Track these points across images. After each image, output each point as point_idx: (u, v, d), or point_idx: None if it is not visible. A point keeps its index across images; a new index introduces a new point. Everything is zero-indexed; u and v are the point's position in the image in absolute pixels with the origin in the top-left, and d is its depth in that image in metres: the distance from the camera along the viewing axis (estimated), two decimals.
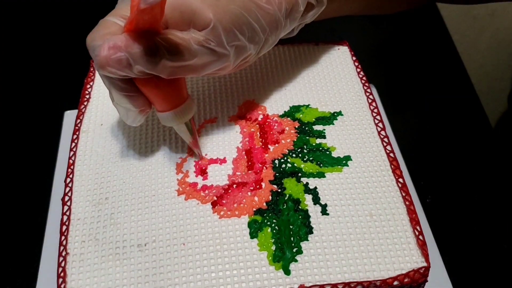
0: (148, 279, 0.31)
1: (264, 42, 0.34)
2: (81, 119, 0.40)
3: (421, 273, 0.31)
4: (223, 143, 0.38)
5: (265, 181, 0.35)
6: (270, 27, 0.33)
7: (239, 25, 0.31)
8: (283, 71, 0.43)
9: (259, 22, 0.32)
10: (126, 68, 0.28)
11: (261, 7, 0.32)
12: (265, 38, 0.33)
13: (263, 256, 0.31)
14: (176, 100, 0.33)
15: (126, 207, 0.34)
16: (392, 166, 0.36)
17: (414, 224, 0.33)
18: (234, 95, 0.41)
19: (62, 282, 0.31)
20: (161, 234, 0.32)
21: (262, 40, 0.33)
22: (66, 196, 0.35)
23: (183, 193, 0.35)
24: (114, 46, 0.28)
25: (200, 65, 0.30)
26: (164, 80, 0.31)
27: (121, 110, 0.33)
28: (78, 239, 0.33)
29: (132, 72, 0.29)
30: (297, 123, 0.39)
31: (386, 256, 0.32)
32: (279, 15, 0.33)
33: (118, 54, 0.28)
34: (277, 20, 0.33)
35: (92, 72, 0.43)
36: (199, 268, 0.31)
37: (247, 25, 0.31)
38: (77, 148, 0.38)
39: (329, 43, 0.46)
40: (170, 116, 0.33)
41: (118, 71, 0.28)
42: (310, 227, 0.33)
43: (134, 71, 0.29)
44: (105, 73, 0.29)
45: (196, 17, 0.29)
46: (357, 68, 0.43)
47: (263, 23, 0.32)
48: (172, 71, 0.29)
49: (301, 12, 0.35)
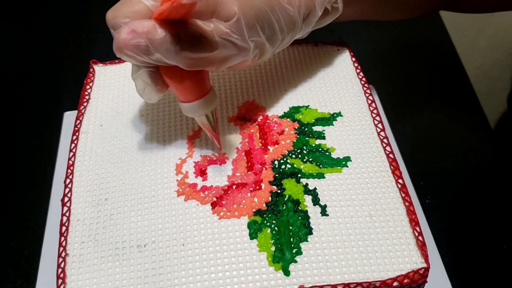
0: (148, 280, 0.31)
1: (280, 42, 0.34)
2: (80, 120, 0.40)
3: (421, 274, 0.31)
4: (223, 144, 0.37)
5: (265, 182, 0.35)
6: (288, 28, 0.34)
7: (261, 21, 0.31)
8: (283, 72, 0.43)
9: (279, 21, 0.33)
10: (144, 54, 0.28)
11: (283, 7, 0.32)
12: (282, 38, 0.34)
13: (263, 257, 0.31)
14: (199, 91, 0.33)
15: (125, 208, 0.34)
16: (391, 167, 0.36)
17: (413, 225, 0.33)
18: (234, 96, 0.41)
19: (61, 283, 0.31)
20: (160, 235, 0.32)
21: (279, 39, 0.34)
22: (66, 197, 0.35)
23: (182, 194, 0.35)
24: (135, 31, 0.27)
25: (220, 58, 0.30)
26: (188, 71, 0.30)
27: (139, 84, 0.33)
28: (78, 240, 0.33)
29: (150, 60, 0.29)
30: (297, 124, 0.39)
31: (385, 257, 0.32)
32: (298, 17, 0.34)
33: (137, 39, 0.27)
34: (295, 22, 0.34)
35: (92, 73, 0.43)
36: (198, 269, 0.31)
37: (268, 23, 0.32)
38: (76, 149, 0.38)
39: (329, 44, 0.46)
40: (192, 107, 0.33)
41: (136, 56, 0.28)
42: (309, 228, 0.33)
43: (153, 59, 0.28)
44: (121, 56, 0.29)
45: (221, 7, 0.29)
46: (357, 69, 0.43)
47: (282, 23, 0.33)
48: (192, 62, 0.29)
49: (317, 16, 0.36)
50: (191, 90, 0.32)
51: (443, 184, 0.48)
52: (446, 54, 0.63)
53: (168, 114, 0.40)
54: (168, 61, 0.29)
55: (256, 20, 0.31)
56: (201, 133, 0.38)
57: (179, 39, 0.28)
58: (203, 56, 0.29)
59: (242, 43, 0.30)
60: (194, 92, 0.33)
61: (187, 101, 0.33)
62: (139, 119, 0.39)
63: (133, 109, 0.40)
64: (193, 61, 0.29)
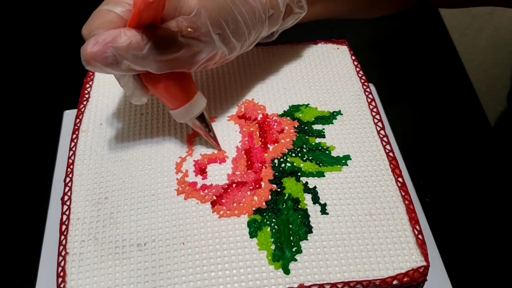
0: (147, 278, 0.31)
1: (246, 38, 0.34)
2: (80, 119, 0.40)
3: (421, 272, 0.31)
4: (223, 143, 0.37)
5: (265, 180, 0.35)
6: (253, 23, 0.34)
7: (224, 15, 0.31)
8: (282, 70, 0.43)
9: (242, 14, 0.32)
10: (112, 64, 0.28)
11: (245, 0, 0.32)
12: (248, 33, 0.34)
13: (263, 256, 0.31)
14: (184, 96, 0.33)
15: (125, 207, 0.34)
16: (391, 166, 0.36)
17: (413, 223, 0.33)
18: (234, 94, 0.41)
19: (62, 281, 0.31)
20: (160, 233, 0.32)
21: (245, 34, 0.33)
22: (66, 196, 0.35)
23: (182, 192, 0.35)
24: (100, 43, 0.27)
25: (188, 56, 0.30)
26: (170, 77, 0.31)
27: (127, 91, 0.33)
28: (78, 238, 0.33)
29: (120, 69, 0.29)
30: (297, 122, 0.39)
31: (385, 256, 0.32)
32: (261, 12, 0.34)
33: (103, 50, 0.27)
34: (260, 17, 0.34)
35: (92, 72, 0.43)
36: (198, 268, 0.31)
37: (231, 16, 0.32)
38: (76, 148, 0.38)
39: (328, 42, 0.46)
40: (180, 112, 0.34)
41: (105, 68, 0.28)
42: (309, 226, 0.33)
43: (122, 68, 0.29)
44: (91, 69, 0.29)
45: (182, 3, 0.29)
46: (357, 68, 0.43)
47: (246, 17, 0.33)
48: (161, 65, 0.29)
49: (282, 13, 0.36)
50: (175, 97, 0.33)
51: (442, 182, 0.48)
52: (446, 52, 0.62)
53: (168, 112, 0.40)
54: (138, 67, 0.29)
55: (219, 13, 0.31)
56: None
57: (144, 43, 0.28)
58: (171, 58, 0.29)
59: (206, 37, 0.30)
60: (179, 97, 0.33)
61: (174, 107, 0.34)
62: (139, 118, 0.39)
63: (133, 108, 0.40)
64: (162, 64, 0.29)
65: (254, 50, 0.45)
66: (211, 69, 0.43)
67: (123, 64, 0.28)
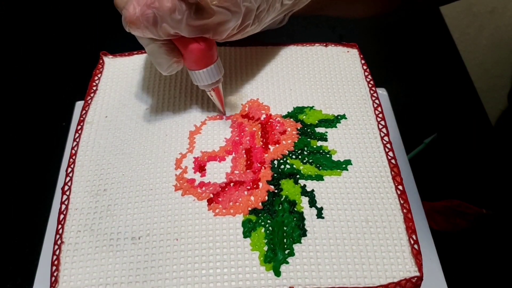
0: (139, 272, 0.31)
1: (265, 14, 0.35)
2: (86, 110, 0.40)
3: (413, 282, 0.30)
4: (224, 141, 0.37)
5: (263, 181, 0.35)
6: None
7: None
8: (290, 71, 0.43)
9: None
10: (152, 26, 0.30)
11: None
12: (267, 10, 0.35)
13: (255, 256, 0.31)
14: (209, 59, 0.35)
15: (123, 200, 0.34)
16: (392, 173, 0.36)
17: (410, 232, 0.33)
18: (239, 93, 0.41)
19: (55, 270, 0.31)
20: (155, 228, 0.33)
21: (266, 9, 0.35)
22: (66, 186, 0.35)
23: (180, 188, 0.35)
24: (143, 4, 0.30)
25: (216, 23, 0.32)
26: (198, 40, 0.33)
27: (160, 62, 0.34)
28: (74, 228, 0.33)
29: (158, 32, 0.31)
30: (300, 124, 0.39)
31: (378, 263, 0.31)
32: None
33: (146, 11, 0.30)
34: None
35: (101, 64, 0.44)
36: (190, 264, 0.31)
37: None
38: (80, 139, 0.38)
39: (339, 45, 0.45)
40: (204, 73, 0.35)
41: (145, 29, 0.30)
42: (304, 229, 0.32)
43: (161, 31, 0.31)
44: (132, 30, 0.31)
45: None
46: (365, 72, 0.43)
47: None
48: (193, 29, 0.31)
49: None
50: (201, 58, 0.34)
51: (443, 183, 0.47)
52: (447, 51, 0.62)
53: (172, 108, 0.40)
54: (174, 30, 0.31)
55: None
56: (202, 130, 0.38)
57: (182, 8, 0.30)
58: (202, 23, 0.31)
59: (235, 8, 0.32)
60: (205, 59, 0.35)
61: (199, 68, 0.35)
62: (144, 112, 0.40)
63: (138, 102, 0.41)
64: (194, 28, 0.31)
65: (264, 49, 0.45)
66: None
67: (161, 26, 0.30)
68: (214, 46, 0.35)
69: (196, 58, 0.34)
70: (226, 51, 0.44)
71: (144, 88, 0.41)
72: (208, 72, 0.35)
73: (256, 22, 0.35)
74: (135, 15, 0.30)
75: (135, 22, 0.30)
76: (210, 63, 0.35)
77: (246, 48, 0.44)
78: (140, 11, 0.30)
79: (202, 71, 0.35)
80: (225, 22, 0.32)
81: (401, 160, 0.39)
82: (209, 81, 0.36)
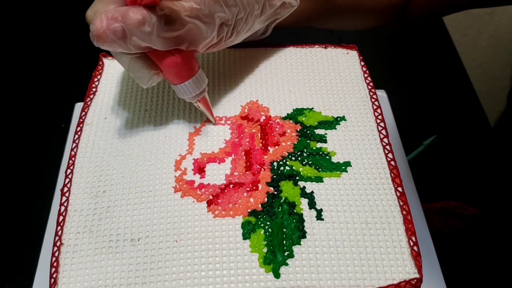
0: (138, 273, 0.31)
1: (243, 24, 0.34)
2: (85, 112, 0.40)
3: (413, 284, 0.30)
4: (223, 143, 0.37)
5: (262, 182, 0.35)
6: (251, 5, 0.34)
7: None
8: (290, 72, 0.43)
9: None
10: (121, 40, 0.29)
11: None
12: (245, 20, 0.34)
13: (254, 258, 0.31)
14: (189, 71, 0.34)
15: (122, 201, 0.34)
16: (392, 174, 0.36)
17: (409, 234, 0.33)
18: (238, 95, 0.41)
19: (54, 271, 0.31)
20: (154, 230, 0.33)
21: (243, 19, 0.34)
22: (65, 187, 0.35)
23: (179, 190, 0.35)
24: (110, 18, 0.29)
25: (189, 35, 0.31)
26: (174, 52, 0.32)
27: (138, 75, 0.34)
28: (74, 230, 0.33)
29: (127, 46, 0.30)
30: (299, 126, 0.39)
31: (378, 265, 0.31)
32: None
33: (114, 25, 0.29)
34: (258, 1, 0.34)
35: (101, 66, 0.44)
36: (189, 266, 0.31)
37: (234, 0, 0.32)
38: (79, 140, 0.38)
39: (338, 47, 0.45)
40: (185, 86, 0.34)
41: (113, 43, 0.29)
42: (303, 231, 0.32)
43: (130, 44, 0.30)
44: (100, 45, 0.30)
45: None
46: (365, 74, 0.43)
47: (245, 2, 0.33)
48: (165, 41, 0.30)
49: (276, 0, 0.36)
50: (180, 71, 0.33)
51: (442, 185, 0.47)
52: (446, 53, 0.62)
53: (171, 110, 0.40)
54: (144, 43, 0.30)
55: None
56: (201, 131, 0.38)
57: (152, 20, 0.29)
58: (175, 35, 0.30)
59: (207, 18, 0.31)
60: (183, 72, 0.34)
61: (179, 82, 0.34)
62: (143, 113, 0.40)
63: (138, 103, 0.41)
64: (167, 40, 0.30)
65: (263, 51, 0.45)
66: (217, 67, 0.43)
67: (131, 40, 0.29)
68: (192, 57, 0.34)
69: (173, 72, 0.33)
70: (225, 52, 0.44)
71: (144, 89, 0.41)
72: (190, 84, 0.34)
73: (234, 33, 0.34)
74: (102, 29, 0.29)
75: (102, 36, 0.29)
76: (190, 75, 0.34)
77: (245, 49, 0.44)
78: (107, 25, 0.29)
79: (184, 84, 0.34)
80: (198, 33, 0.31)
81: (400, 162, 0.39)
82: (192, 93, 0.35)
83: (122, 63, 0.33)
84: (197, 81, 0.35)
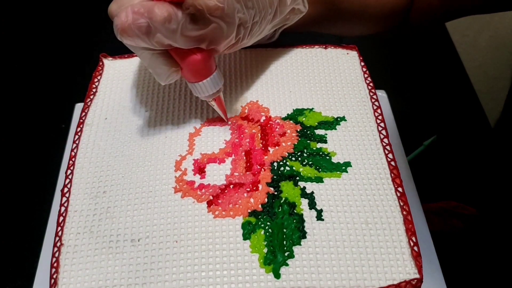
0: (139, 274, 0.31)
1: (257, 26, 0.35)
2: (86, 112, 0.40)
3: (413, 284, 0.30)
4: (224, 143, 0.38)
5: (262, 183, 0.35)
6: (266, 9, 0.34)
7: None
8: (290, 73, 0.43)
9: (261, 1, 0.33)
10: (145, 35, 0.29)
11: None
12: (259, 23, 0.34)
13: (254, 258, 0.31)
14: (207, 70, 0.34)
15: (122, 202, 0.34)
16: (392, 175, 0.36)
17: (409, 234, 0.33)
18: (238, 95, 0.41)
19: (55, 272, 0.31)
20: (155, 230, 0.33)
21: (258, 22, 0.34)
22: (66, 188, 0.35)
23: (180, 190, 0.35)
24: (136, 12, 0.28)
25: (211, 34, 0.31)
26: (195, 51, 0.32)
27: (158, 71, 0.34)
28: (74, 230, 0.33)
29: (151, 42, 0.30)
30: (299, 126, 0.39)
31: (378, 265, 0.31)
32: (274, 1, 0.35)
33: (139, 20, 0.28)
34: (272, 3, 0.34)
35: (101, 67, 0.44)
36: (189, 266, 0.31)
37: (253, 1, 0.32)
38: (80, 141, 0.38)
39: (338, 47, 0.45)
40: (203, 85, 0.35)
41: (137, 38, 0.29)
42: (304, 231, 0.32)
43: (154, 40, 0.30)
44: (123, 39, 0.30)
45: None
46: (365, 74, 0.43)
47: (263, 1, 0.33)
48: (188, 40, 0.30)
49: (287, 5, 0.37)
50: (199, 70, 0.34)
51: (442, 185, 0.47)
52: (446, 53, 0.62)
53: (172, 110, 0.40)
54: (168, 40, 0.30)
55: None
56: (201, 132, 0.38)
57: (177, 18, 0.29)
58: (198, 34, 0.30)
59: (229, 18, 0.31)
60: (202, 71, 0.34)
61: (197, 80, 0.34)
62: (144, 114, 0.40)
63: (138, 104, 0.41)
64: (190, 39, 0.30)
65: (263, 51, 0.45)
66: None
67: (155, 36, 0.29)
68: (211, 57, 0.34)
69: (194, 70, 0.34)
70: (225, 54, 0.44)
71: (144, 90, 0.41)
72: (208, 83, 0.35)
73: (250, 35, 0.35)
74: (127, 23, 0.29)
75: (127, 30, 0.29)
76: (209, 74, 0.34)
77: (245, 50, 0.44)
78: (132, 19, 0.29)
79: (202, 82, 0.35)
80: (220, 32, 0.31)
81: (400, 162, 0.39)
82: (209, 92, 0.35)
83: (142, 58, 0.33)
84: (214, 80, 0.35)
